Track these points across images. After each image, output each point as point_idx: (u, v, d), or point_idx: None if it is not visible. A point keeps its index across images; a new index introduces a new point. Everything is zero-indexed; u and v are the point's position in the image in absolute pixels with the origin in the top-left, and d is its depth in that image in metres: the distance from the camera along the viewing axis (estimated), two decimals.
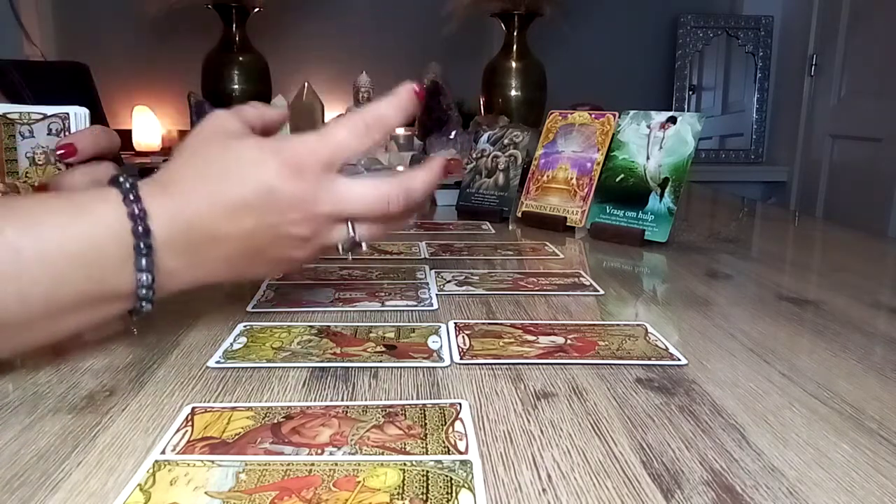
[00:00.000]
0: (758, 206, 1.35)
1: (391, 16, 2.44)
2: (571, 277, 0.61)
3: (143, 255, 0.36)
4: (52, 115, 0.48)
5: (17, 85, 1.52)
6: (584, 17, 2.45)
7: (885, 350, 0.44)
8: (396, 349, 0.42)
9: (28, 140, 0.47)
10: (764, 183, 2.41)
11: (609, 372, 0.39)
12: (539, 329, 0.46)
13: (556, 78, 2.19)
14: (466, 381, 0.37)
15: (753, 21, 2.43)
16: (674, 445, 0.30)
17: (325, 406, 0.34)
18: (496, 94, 2.17)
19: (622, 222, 0.78)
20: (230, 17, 2.16)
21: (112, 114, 2.17)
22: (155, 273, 0.37)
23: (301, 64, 2.35)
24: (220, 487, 0.26)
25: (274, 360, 0.40)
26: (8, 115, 0.47)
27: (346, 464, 0.28)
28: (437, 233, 0.82)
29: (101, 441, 0.30)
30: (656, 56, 2.54)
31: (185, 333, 0.44)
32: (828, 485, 0.27)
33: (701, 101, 2.53)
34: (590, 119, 0.87)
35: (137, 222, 0.36)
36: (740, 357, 0.42)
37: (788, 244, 0.89)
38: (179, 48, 2.26)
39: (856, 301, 0.55)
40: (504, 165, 0.94)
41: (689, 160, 0.76)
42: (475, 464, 0.28)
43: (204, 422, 0.32)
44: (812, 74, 2.23)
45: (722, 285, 0.60)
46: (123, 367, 0.39)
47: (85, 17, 2.34)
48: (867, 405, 0.35)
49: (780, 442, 0.31)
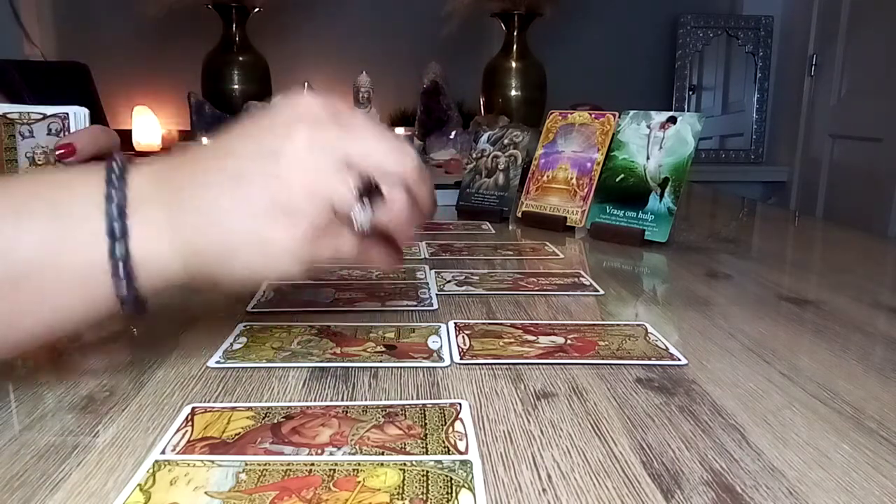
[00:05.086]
0: (758, 206, 1.35)
1: (391, 16, 2.44)
2: (571, 277, 0.61)
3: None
4: (51, 115, 0.48)
5: (17, 85, 1.52)
6: (584, 18, 2.45)
7: (885, 350, 0.44)
8: (396, 349, 0.42)
9: (28, 140, 0.47)
10: (764, 183, 2.41)
11: (609, 372, 0.39)
12: (539, 329, 0.46)
13: (556, 78, 2.19)
14: (466, 381, 0.37)
15: (753, 21, 2.43)
16: (674, 445, 0.30)
17: (325, 406, 0.34)
18: (496, 94, 2.17)
19: (622, 222, 0.78)
20: (230, 17, 2.16)
21: (112, 114, 2.17)
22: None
23: (301, 64, 2.35)
24: (220, 487, 0.26)
25: (274, 360, 0.40)
26: (8, 115, 0.47)
27: (346, 464, 0.28)
28: (437, 233, 0.82)
29: (101, 441, 0.30)
30: (656, 56, 2.54)
31: (185, 333, 0.44)
32: (828, 485, 0.27)
33: (701, 101, 2.53)
34: (590, 119, 0.87)
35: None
36: (740, 357, 0.42)
37: (788, 244, 0.89)
38: (179, 48, 2.26)
39: (856, 301, 0.55)
40: (504, 165, 0.94)
41: (689, 160, 0.76)
42: (475, 464, 0.28)
43: (204, 422, 0.32)
44: (812, 74, 2.23)
45: (722, 285, 0.60)
46: (123, 367, 0.39)
47: (85, 17, 2.34)
48: (867, 405, 0.35)
49: (780, 442, 0.31)
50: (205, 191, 0.33)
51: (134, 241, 0.32)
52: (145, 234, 0.32)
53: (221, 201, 0.33)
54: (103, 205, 0.32)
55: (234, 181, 0.33)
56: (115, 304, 0.33)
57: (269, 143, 0.33)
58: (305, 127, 0.33)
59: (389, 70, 2.16)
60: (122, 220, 0.32)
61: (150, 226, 0.33)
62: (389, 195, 0.34)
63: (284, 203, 0.32)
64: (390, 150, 0.35)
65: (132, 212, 0.32)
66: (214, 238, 0.33)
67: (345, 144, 0.34)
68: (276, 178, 0.32)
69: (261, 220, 0.32)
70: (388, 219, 0.35)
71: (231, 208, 0.33)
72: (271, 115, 0.35)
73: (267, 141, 0.33)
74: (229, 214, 0.33)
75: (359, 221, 0.34)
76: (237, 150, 0.34)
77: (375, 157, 0.34)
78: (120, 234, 0.32)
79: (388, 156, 0.34)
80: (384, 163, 0.34)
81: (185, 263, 0.33)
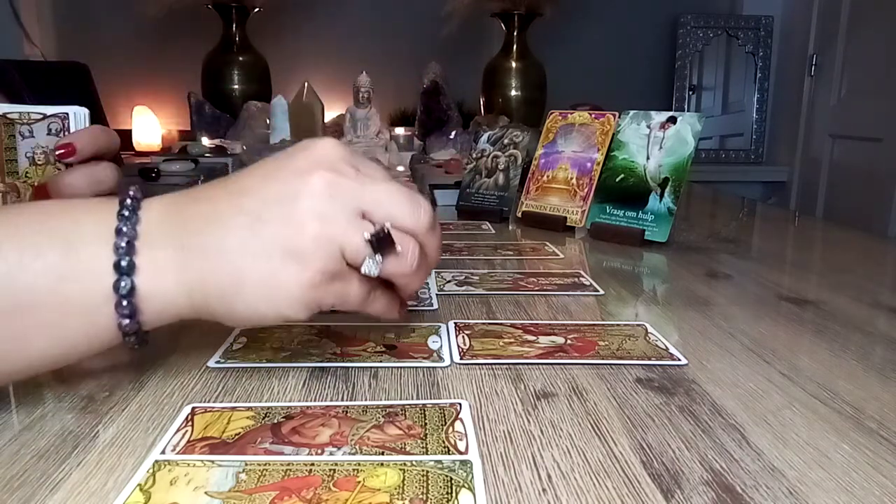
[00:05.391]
0: (758, 206, 1.35)
1: (391, 16, 2.44)
2: (571, 277, 0.61)
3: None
4: (51, 115, 0.47)
5: (17, 85, 1.52)
6: (584, 18, 2.45)
7: (885, 350, 0.44)
8: (396, 349, 0.42)
9: (28, 140, 0.47)
10: (764, 183, 2.41)
11: (609, 372, 0.39)
12: (539, 329, 0.46)
13: (556, 78, 2.20)
14: (466, 381, 0.37)
15: (753, 21, 2.43)
16: (674, 445, 0.30)
17: (325, 406, 0.34)
18: (496, 94, 2.17)
19: (622, 222, 0.78)
20: (230, 17, 2.16)
21: (112, 114, 2.17)
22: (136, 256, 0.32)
23: (301, 64, 2.35)
24: (220, 487, 0.26)
25: (274, 360, 0.40)
26: (8, 115, 0.47)
27: (346, 464, 0.28)
28: None
29: (101, 441, 0.30)
30: (656, 56, 2.54)
31: (185, 334, 0.44)
32: (828, 485, 0.27)
33: (701, 101, 2.53)
34: (590, 119, 0.87)
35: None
36: (740, 357, 0.42)
37: (788, 244, 0.89)
38: (179, 48, 2.27)
39: (856, 301, 0.55)
40: (504, 165, 0.94)
41: (689, 160, 0.76)
42: (475, 464, 0.28)
43: (204, 422, 0.32)
44: (812, 74, 2.23)
45: (722, 285, 0.60)
46: (123, 367, 0.39)
47: (85, 17, 2.34)
48: (867, 405, 0.35)
49: (780, 442, 0.31)
50: (218, 229, 0.33)
51: (141, 277, 0.32)
52: (153, 271, 0.32)
53: (233, 241, 0.33)
54: (113, 238, 0.32)
55: (250, 222, 0.33)
56: (118, 337, 0.33)
57: (288, 187, 0.33)
58: (325, 172, 0.33)
59: (389, 70, 2.16)
60: (130, 256, 0.32)
61: (158, 263, 0.33)
62: (401, 246, 0.35)
63: (296, 247, 0.32)
64: (405, 201, 0.35)
65: (141, 247, 0.32)
66: (222, 277, 0.33)
67: (361, 193, 0.34)
68: (291, 221, 0.33)
69: (271, 262, 0.32)
70: (398, 270, 0.35)
71: (243, 248, 0.33)
72: (292, 158, 0.35)
73: (286, 184, 0.33)
74: (240, 254, 0.33)
75: (369, 270, 0.34)
76: (256, 191, 0.34)
77: (390, 207, 0.34)
78: (127, 269, 0.32)
79: (403, 207, 0.35)
80: (398, 213, 0.35)
81: (190, 300, 0.33)
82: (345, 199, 0.33)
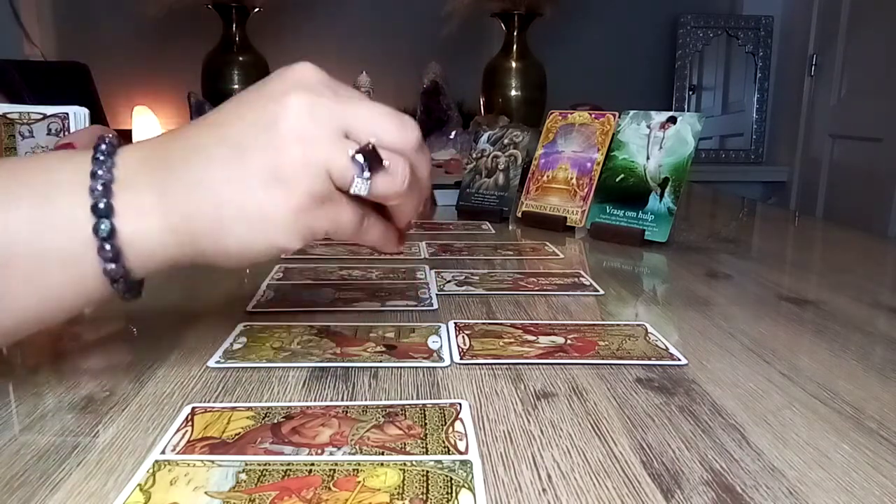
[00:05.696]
0: (758, 206, 1.35)
1: (391, 15, 2.44)
2: (571, 277, 0.61)
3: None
4: (51, 115, 0.48)
5: (17, 85, 1.52)
6: (584, 18, 2.45)
7: (885, 350, 0.44)
8: (396, 349, 0.42)
9: (28, 140, 0.47)
10: (764, 183, 2.41)
11: (609, 372, 0.39)
12: (539, 329, 0.46)
13: (556, 78, 2.19)
14: (466, 381, 0.37)
15: (753, 21, 2.43)
16: (674, 445, 0.30)
17: (325, 406, 0.34)
18: (496, 94, 2.17)
19: (622, 222, 0.78)
20: (230, 17, 2.16)
21: (112, 114, 2.17)
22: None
23: None
24: (220, 487, 0.26)
25: (274, 360, 0.40)
26: (8, 115, 0.47)
27: (346, 464, 0.28)
28: (437, 233, 0.82)
29: (101, 441, 0.30)
30: (656, 56, 2.54)
31: (185, 333, 0.44)
32: (828, 485, 0.27)
33: (701, 101, 2.53)
34: (590, 119, 0.87)
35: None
36: (740, 357, 0.42)
37: (788, 244, 0.89)
38: (179, 48, 2.26)
39: (856, 301, 0.55)
40: (504, 165, 0.94)
41: (689, 160, 0.76)
42: (475, 464, 0.28)
43: (204, 422, 0.32)
44: (812, 74, 2.23)
45: (722, 285, 0.60)
46: (123, 368, 0.39)
47: (85, 17, 2.34)
48: (867, 405, 0.35)
49: (780, 442, 0.31)
50: (198, 162, 0.32)
51: (120, 219, 0.31)
52: (133, 213, 0.31)
53: (215, 172, 0.32)
54: (88, 182, 0.31)
55: (229, 151, 0.32)
56: (106, 286, 0.32)
57: (266, 112, 0.32)
58: (302, 93, 0.32)
59: (389, 70, 2.16)
60: (108, 198, 0.31)
61: (138, 204, 0.31)
62: (390, 164, 0.33)
63: (280, 172, 0.31)
64: (390, 118, 0.33)
65: (119, 189, 0.31)
66: (207, 212, 0.32)
67: (344, 112, 0.32)
68: (271, 146, 0.31)
69: (256, 191, 0.31)
70: (389, 188, 0.33)
71: (226, 179, 0.31)
72: (268, 83, 0.34)
73: (264, 109, 0.32)
74: (223, 186, 0.31)
75: (358, 190, 0.32)
76: (234, 121, 0.33)
77: (374, 125, 0.33)
78: (105, 211, 0.31)
79: (388, 124, 0.33)
80: (383, 131, 0.33)
81: (178, 242, 0.32)
82: (326, 118, 0.32)
